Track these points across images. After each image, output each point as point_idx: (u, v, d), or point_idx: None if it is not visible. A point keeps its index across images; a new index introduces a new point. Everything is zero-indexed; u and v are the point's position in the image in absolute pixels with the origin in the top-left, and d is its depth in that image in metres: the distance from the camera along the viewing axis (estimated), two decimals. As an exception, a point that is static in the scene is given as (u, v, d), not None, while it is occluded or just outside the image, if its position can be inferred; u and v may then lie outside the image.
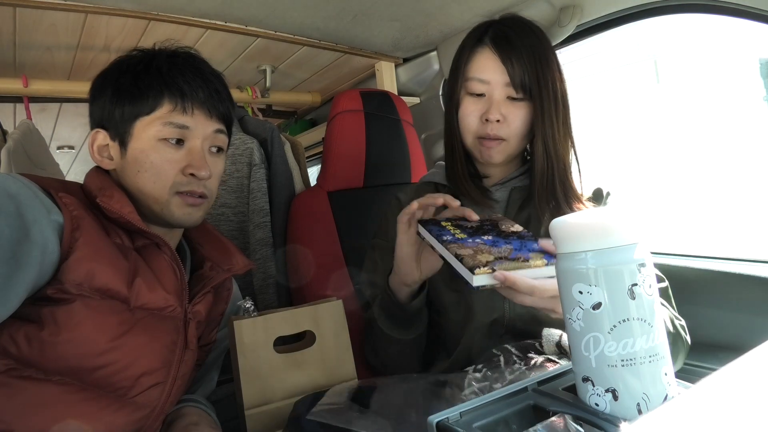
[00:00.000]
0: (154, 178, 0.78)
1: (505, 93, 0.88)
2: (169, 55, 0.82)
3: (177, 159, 0.79)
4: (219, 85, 0.83)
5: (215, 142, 0.83)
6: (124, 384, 0.73)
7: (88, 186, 0.78)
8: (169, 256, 0.80)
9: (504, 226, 0.76)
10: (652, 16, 1.11)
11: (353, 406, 0.74)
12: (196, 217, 0.82)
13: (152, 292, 0.76)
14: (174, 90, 0.78)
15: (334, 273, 1.23)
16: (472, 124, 0.91)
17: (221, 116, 0.83)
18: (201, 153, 0.80)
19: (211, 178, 0.82)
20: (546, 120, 0.87)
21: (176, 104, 0.78)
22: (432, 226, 0.75)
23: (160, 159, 0.78)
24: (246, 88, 1.59)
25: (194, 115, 0.79)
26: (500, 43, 0.88)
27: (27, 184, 0.68)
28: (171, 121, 0.78)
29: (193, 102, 0.79)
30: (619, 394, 0.49)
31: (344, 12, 1.27)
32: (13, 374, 0.67)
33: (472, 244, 0.69)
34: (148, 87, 0.78)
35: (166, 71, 0.79)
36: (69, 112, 1.72)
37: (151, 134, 0.78)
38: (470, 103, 0.91)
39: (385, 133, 1.36)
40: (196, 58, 0.84)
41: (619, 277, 0.49)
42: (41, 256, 0.66)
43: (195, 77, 0.80)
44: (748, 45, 7.89)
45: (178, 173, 0.79)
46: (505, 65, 0.87)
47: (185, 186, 0.79)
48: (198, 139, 0.80)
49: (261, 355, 0.82)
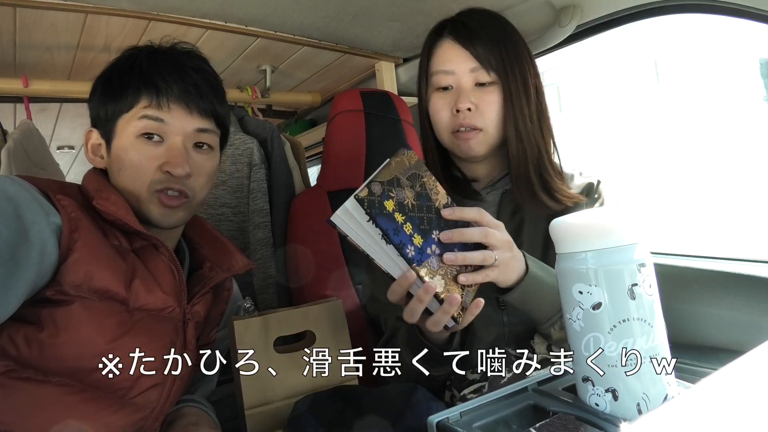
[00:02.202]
0: (134, 176, 0.77)
1: (473, 79, 0.86)
2: (149, 52, 0.81)
3: (155, 156, 0.77)
4: (200, 80, 0.80)
5: (199, 139, 0.81)
6: (124, 385, 0.73)
7: (85, 188, 0.78)
8: (167, 257, 0.80)
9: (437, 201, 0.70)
10: (652, 16, 1.11)
11: (353, 407, 0.74)
12: (175, 218, 0.80)
13: (150, 294, 0.76)
14: (150, 86, 0.77)
15: (334, 273, 1.23)
16: (444, 119, 0.89)
17: (205, 112, 0.81)
18: (180, 150, 0.78)
19: (192, 176, 0.79)
20: (515, 103, 0.85)
21: (152, 100, 0.77)
22: (383, 218, 0.63)
23: (139, 156, 0.77)
24: (246, 88, 1.59)
25: (171, 110, 0.78)
26: (460, 30, 0.87)
27: (25, 187, 0.68)
28: (146, 115, 0.77)
29: (169, 97, 0.77)
30: (619, 394, 0.49)
31: (344, 12, 1.27)
32: (13, 375, 0.67)
33: (431, 259, 0.66)
34: (127, 84, 0.78)
35: (145, 68, 0.78)
36: (69, 112, 1.72)
37: (131, 131, 0.77)
38: (439, 98, 0.89)
39: (386, 133, 1.36)
40: (179, 53, 0.82)
41: (619, 277, 0.49)
42: (40, 258, 0.66)
43: (171, 73, 0.78)
44: (748, 45, 7.89)
45: (156, 170, 0.77)
46: (467, 50, 0.85)
47: (162, 183, 0.77)
48: (177, 135, 0.79)
49: (261, 355, 0.82)
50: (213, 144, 0.84)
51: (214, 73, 0.85)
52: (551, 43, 1.23)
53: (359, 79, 1.73)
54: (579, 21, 1.18)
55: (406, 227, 0.65)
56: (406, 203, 0.66)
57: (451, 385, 0.87)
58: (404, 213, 0.65)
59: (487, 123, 0.87)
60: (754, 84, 8.30)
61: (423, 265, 0.65)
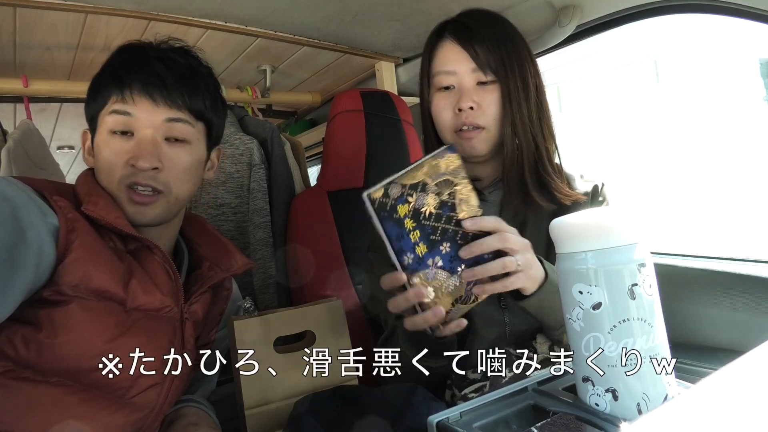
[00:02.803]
0: (107, 172, 0.77)
1: (474, 79, 0.88)
2: (121, 49, 0.82)
3: (124, 150, 0.77)
4: (164, 70, 0.78)
5: (171, 132, 0.79)
6: (123, 385, 0.72)
7: (77, 192, 0.78)
8: (160, 257, 0.79)
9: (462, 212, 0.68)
10: (652, 16, 1.11)
11: (353, 407, 0.74)
12: (151, 216, 0.79)
13: (148, 294, 0.76)
14: (116, 80, 0.78)
15: (334, 273, 1.23)
16: (447, 118, 0.90)
17: (174, 104, 0.78)
18: (148, 143, 0.77)
19: (162, 170, 0.78)
20: (513, 102, 0.86)
21: (118, 95, 0.77)
22: (390, 222, 0.63)
23: (110, 152, 0.77)
24: (246, 88, 1.59)
25: (136, 103, 0.77)
26: (460, 31, 0.88)
27: (22, 188, 0.69)
28: (114, 109, 0.77)
29: (132, 90, 0.77)
30: (619, 394, 0.49)
31: (344, 12, 1.27)
32: (11, 376, 0.67)
33: (428, 270, 0.65)
34: (100, 82, 0.79)
35: (116, 65, 0.79)
36: (69, 112, 1.72)
37: (104, 128, 0.78)
38: (441, 98, 0.90)
39: (386, 133, 1.36)
40: (144, 47, 0.82)
41: (619, 277, 0.49)
42: (37, 259, 0.66)
43: (133, 65, 0.78)
44: (748, 45, 7.88)
45: (125, 165, 0.76)
46: (467, 51, 0.86)
47: (129, 178, 0.76)
48: (146, 128, 0.77)
49: (261, 355, 0.82)
50: (188, 137, 0.81)
51: (190, 65, 0.83)
52: (551, 43, 1.23)
53: (359, 79, 1.73)
54: (579, 21, 1.18)
55: (413, 235, 0.64)
56: (423, 210, 0.64)
57: (451, 384, 0.87)
58: (417, 220, 0.64)
59: (489, 121, 0.88)
60: (754, 84, 8.30)
61: (417, 274, 0.64)
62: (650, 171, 7.41)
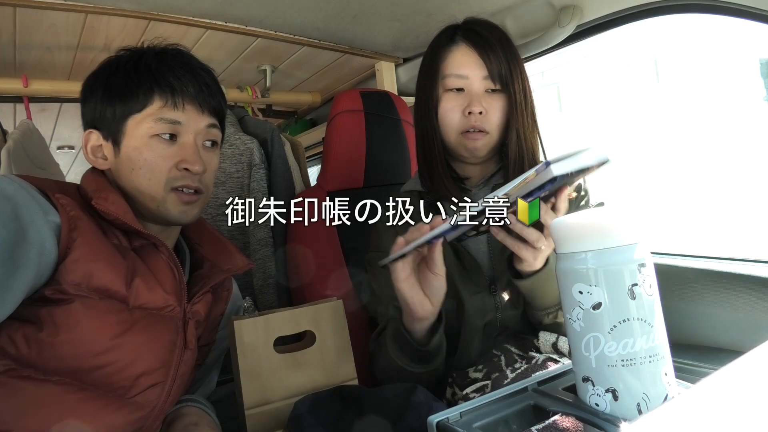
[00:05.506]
0: (149, 175, 0.78)
1: (484, 86, 0.92)
2: (157, 53, 0.82)
3: (170, 154, 0.78)
4: (209, 79, 0.83)
5: (209, 137, 0.83)
6: (123, 384, 0.72)
7: (84, 187, 0.78)
8: (166, 255, 0.80)
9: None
10: (652, 16, 1.11)
11: (353, 407, 0.74)
12: (192, 215, 0.82)
13: (151, 292, 0.76)
14: (164, 86, 0.78)
15: (334, 273, 1.23)
16: (454, 119, 0.93)
17: (213, 110, 0.83)
18: (194, 148, 0.80)
19: (206, 172, 0.81)
20: (518, 111, 0.92)
21: (167, 100, 0.78)
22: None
23: (154, 156, 0.78)
24: (246, 88, 1.59)
25: (185, 110, 0.79)
26: (475, 39, 0.92)
27: (23, 186, 0.68)
28: (163, 117, 0.78)
29: (184, 97, 0.79)
30: (619, 394, 0.49)
31: (344, 12, 1.27)
32: (12, 374, 0.67)
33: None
34: (138, 85, 0.78)
35: (156, 68, 0.79)
36: (69, 112, 1.72)
37: (144, 131, 0.78)
38: (451, 99, 0.93)
39: (385, 133, 1.36)
40: (185, 54, 0.84)
41: (619, 277, 0.49)
42: (39, 257, 0.66)
43: (185, 72, 0.80)
44: (748, 45, 7.89)
45: (172, 169, 0.78)
46: (482, 59, 0.91)
47: (179, 181, 0.79)
48: (191, 134, 0.80)
49: (261, 355, 0.82)
50: (218, 140, 0.86)
51: (209, 70, 0.87)
52: (551, 43, 1.24)
53: (359, 79, 1.73)
54: (579, 21, 1.18)
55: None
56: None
57: (453, 382, 0.87)
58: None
59: (493, 127, 0.92)
60: (754, 84, 8.31)
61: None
62: (650, 170, 7.41)
